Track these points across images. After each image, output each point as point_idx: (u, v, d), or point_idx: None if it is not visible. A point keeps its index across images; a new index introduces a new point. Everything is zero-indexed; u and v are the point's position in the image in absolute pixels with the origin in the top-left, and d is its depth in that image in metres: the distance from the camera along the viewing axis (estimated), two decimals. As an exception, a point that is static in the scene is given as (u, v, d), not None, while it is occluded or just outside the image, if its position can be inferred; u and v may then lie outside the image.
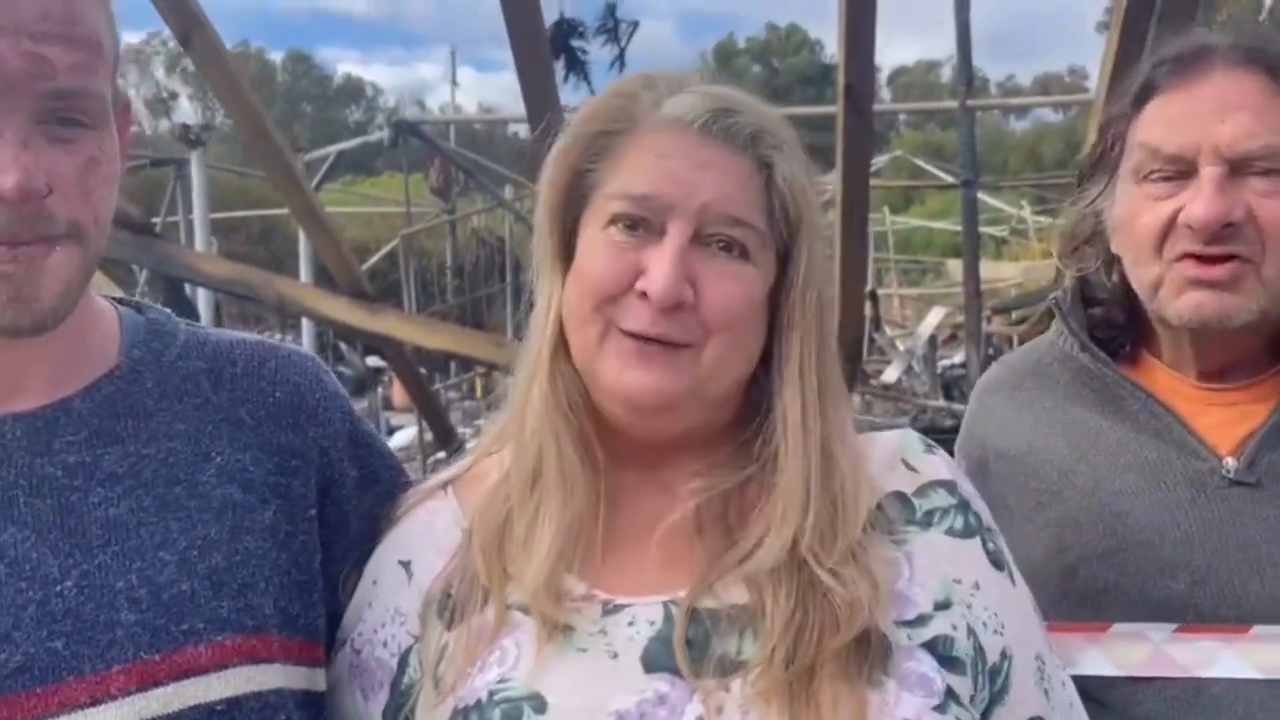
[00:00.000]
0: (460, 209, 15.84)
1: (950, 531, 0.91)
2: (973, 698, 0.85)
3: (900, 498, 0.91)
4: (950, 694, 0.83)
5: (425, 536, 0.96)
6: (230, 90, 2.99)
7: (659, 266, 0.84)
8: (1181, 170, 1.06)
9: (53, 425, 0.83)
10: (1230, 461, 1.09)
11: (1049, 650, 0.94)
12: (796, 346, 0.89)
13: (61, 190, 0.77)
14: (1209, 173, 1.04)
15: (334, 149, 11.37)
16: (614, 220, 0.87)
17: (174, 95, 58.99)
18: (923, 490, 0.92)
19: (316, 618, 0.94)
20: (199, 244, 7.13)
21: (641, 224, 0.86)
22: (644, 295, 0.84)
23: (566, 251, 0.92)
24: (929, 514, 0.91)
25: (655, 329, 0.84)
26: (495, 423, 1.00)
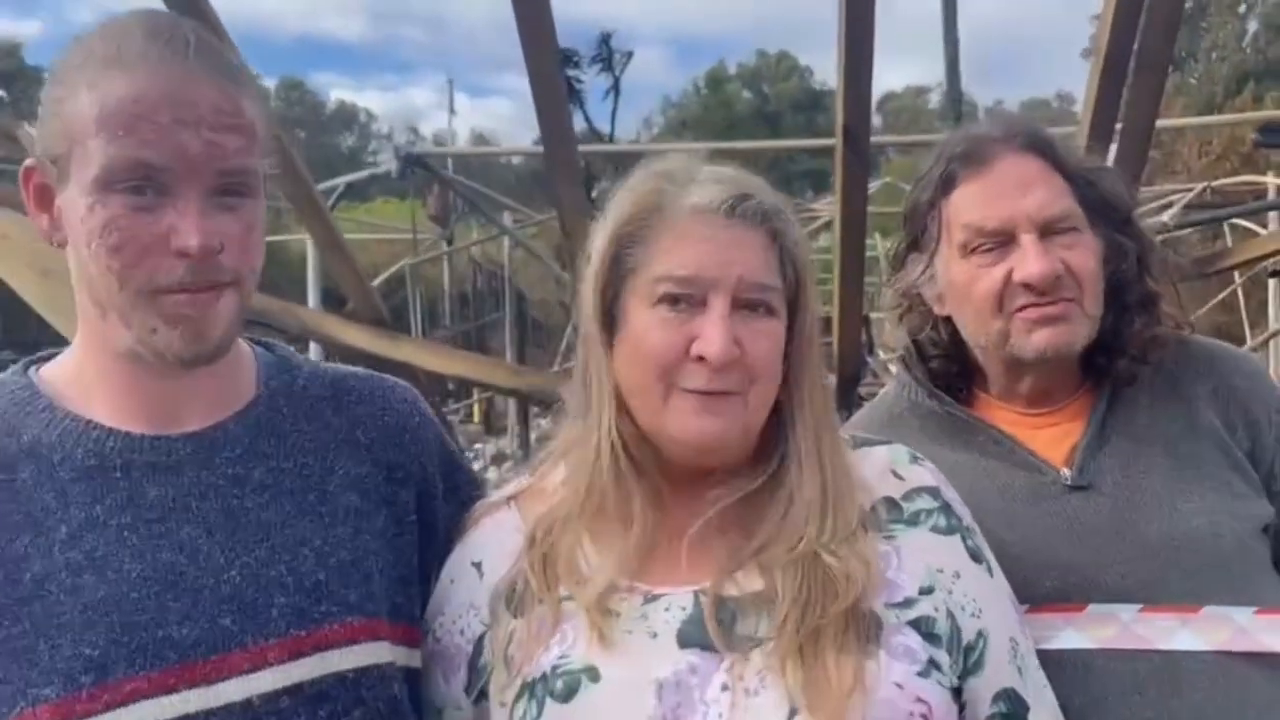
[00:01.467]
0: (457, 235, 15.99)
1: (934, 529, 1.08)
2: (952, 668, 1.01)
3: (889, 501, 1.09)
4: (932, 663, 0.99)
5: (493, 541, 1.13)
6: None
7: (713, 334, 1.00)
8: (1002, 241, 1.28)
9: (215, 444, 1.01)
10: (1065, 471, 1.28)
11: (1024, 635, 1.10)
12: (805, 382, 1.07)
13: (229, 248, 0.95)
14: (1029, 239, 1.26)
15: (342, 180, 11.59)
16: (662, 300, 1.03)
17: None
18: (909, 495, 1.09)
19: (415, 607, 1.11)
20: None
21: (685, 299, 1.02)
22: (700, 359, 1.01)
23: (608, 321, 1.08)
24: (915, 514, 1.08)
25: (714, 385, 1.01)
26: (549, 448, 1.17)
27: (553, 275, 17.73)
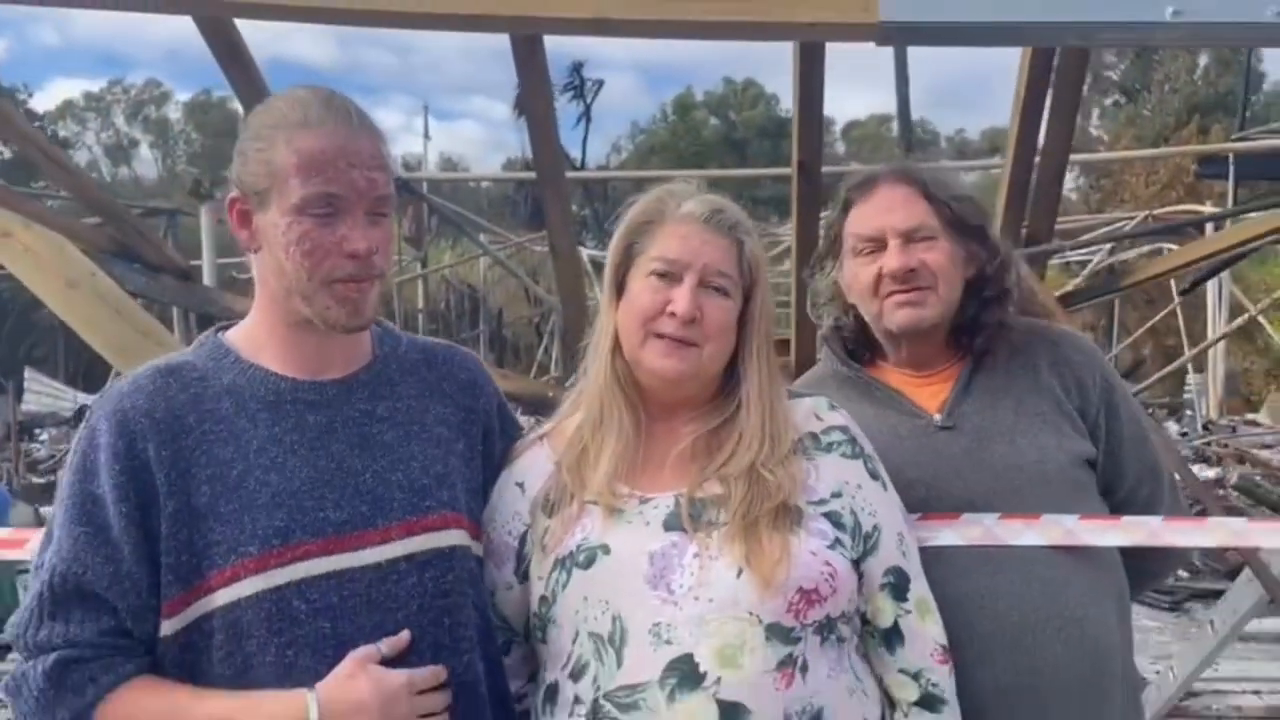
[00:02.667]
0: (430, 256, 16.39)
1: (843, 455, 1.55)
2: (853, 547, 1.47)
3: (813, 435, 1.55)
4: (838, 541, 1.46)
5: (531, 467, 1.58)
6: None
7: (682, 298, 1.48)
8: (878, 245, 1.76)
9: (351, 388, 1.46)
10: (937, 417, 1.76)
11: (909, 533, 1.56)
12: (753, 347, 1.54)
13: (379, 251, 1.39)
14: (894, 244, 1.74)
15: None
16: (654, 273, 1.50)
17: (134, 143, 59.14)
18: (826, 431, 1.56)
19: (480, 513, 1.56)
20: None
21: (669, 276, 1.49)
22: (673, 315, 1.47)
23: (618, 291, 1.55)
24: (829, 444, 1.55)
25: (679, 333, 1.48)
26: (569, 400, 1.63)
27: (524, 295, 18.19)
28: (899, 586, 1.51)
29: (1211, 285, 14.11)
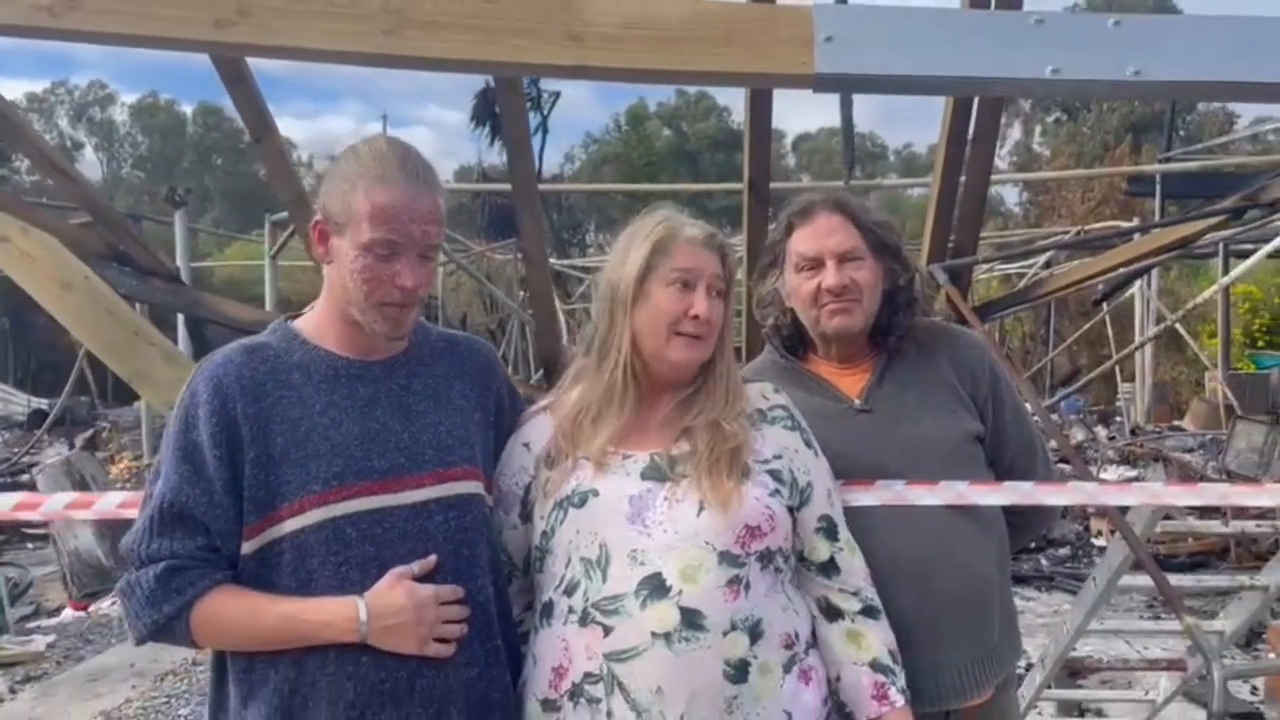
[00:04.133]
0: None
1: (784, 427, 1.94)
2: (790, 498, 1.86)
3: (760, 411, 1.95)
4: (777, 492, 1.85)
5: (536, 431, 1.96)
6: (288, 183, 3.99)
7: (701, 304, 1.86)
8: (817, 263, 2.13)
9: (392, 368, 1.83)
10: (857, 401, 2.15)
11: (836, 492, 1.96)
12: (725, 335, 1.93)
13: (423, 285, 1.75)
14: (831, 264, 2.11)
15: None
16: (674, 283, 1.87)
17: (79, 145, 58.20)
18: (771, 408, 1.96)
19: (491, 469, 1.93)
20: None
21: (686, 284, 1.87)
22: (694, 316, 1.85)
23: (635, 301, 1.89)
24: (774, 419, 1.95)
25: (699, 331, 1.87)
26: (567, 378, 2.01)
27: (482, 302, 18.47)
28: (830, 530, 1.91)
29: (1139, 298, 14.85)
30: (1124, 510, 2.60)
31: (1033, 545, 8.06)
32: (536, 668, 1.83)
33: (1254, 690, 5.17)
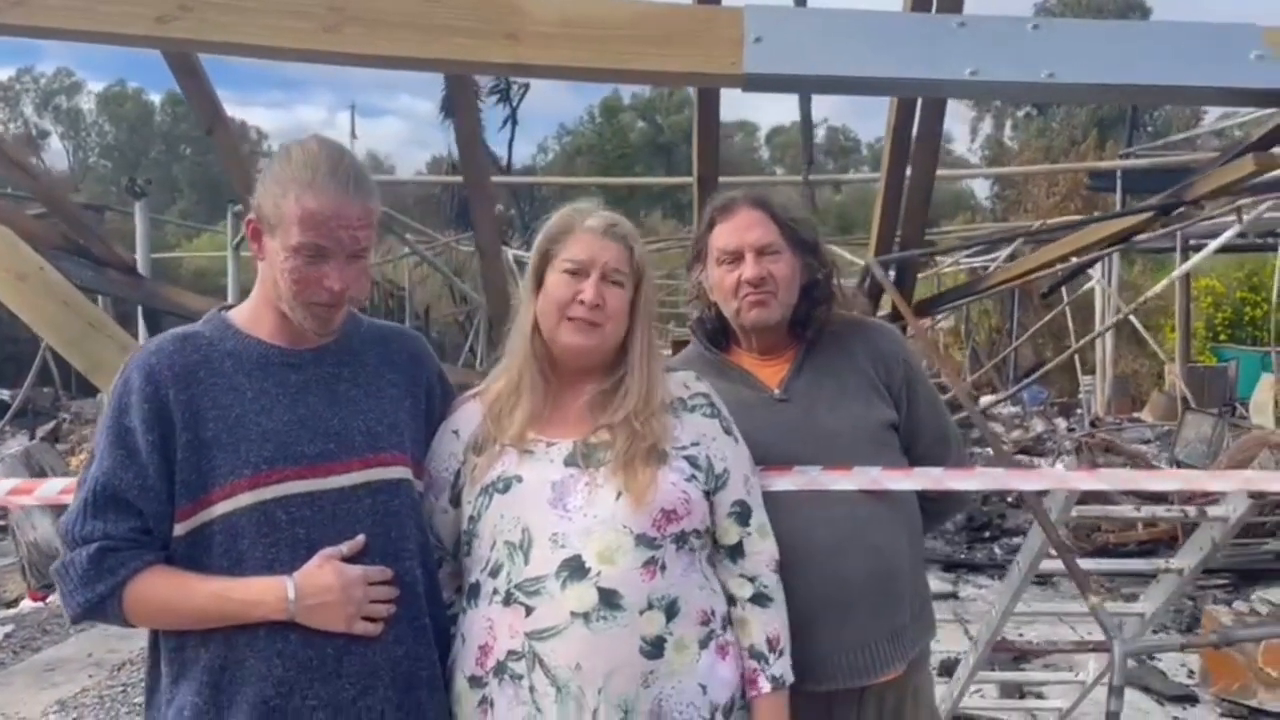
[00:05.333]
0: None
1: (704, 415, 2.02)
2: (706, 483, 1.94)
3: (680, 399, 2.02)
4: (693, 477, 1.92)
5: (465, 418, 2.03)
6: (242, 176, 4.03)
7: (590, 288, 1.94)
8: (737, 257, 2.22)
9: (322, 356, 1.89)
10: (776, 391, 2.24)
11: (754, 478, 2.04)
12: (639, 328, 2.01)
13: (352, 286, 1.81)
14: (749, 257, 2.20)
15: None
16: (567, 270, 1.96)
17: (45, 134, 57.41)
18: (692, 397, 2.04)
19: (423, 457, 2.00)
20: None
21: (579, 272, 1.96)
22: (582, 302, 1.93)
23: (537, 286, 2.00)
24: (693, 406, 2.02)
25: (587, 316, 1.94)
26: (497, 368, 2.08)
27: (449, 293, 18.47)
28: (743, 515, 1.99)
29: (1099, 292, 15.08)
30: (1043, 495, 2.71)
31: (986, 535, 8.21)
32: (464, 646, 1.91)
33: (1190, 674, 5.33)
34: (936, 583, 7.34)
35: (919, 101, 4.21)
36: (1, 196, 6.71)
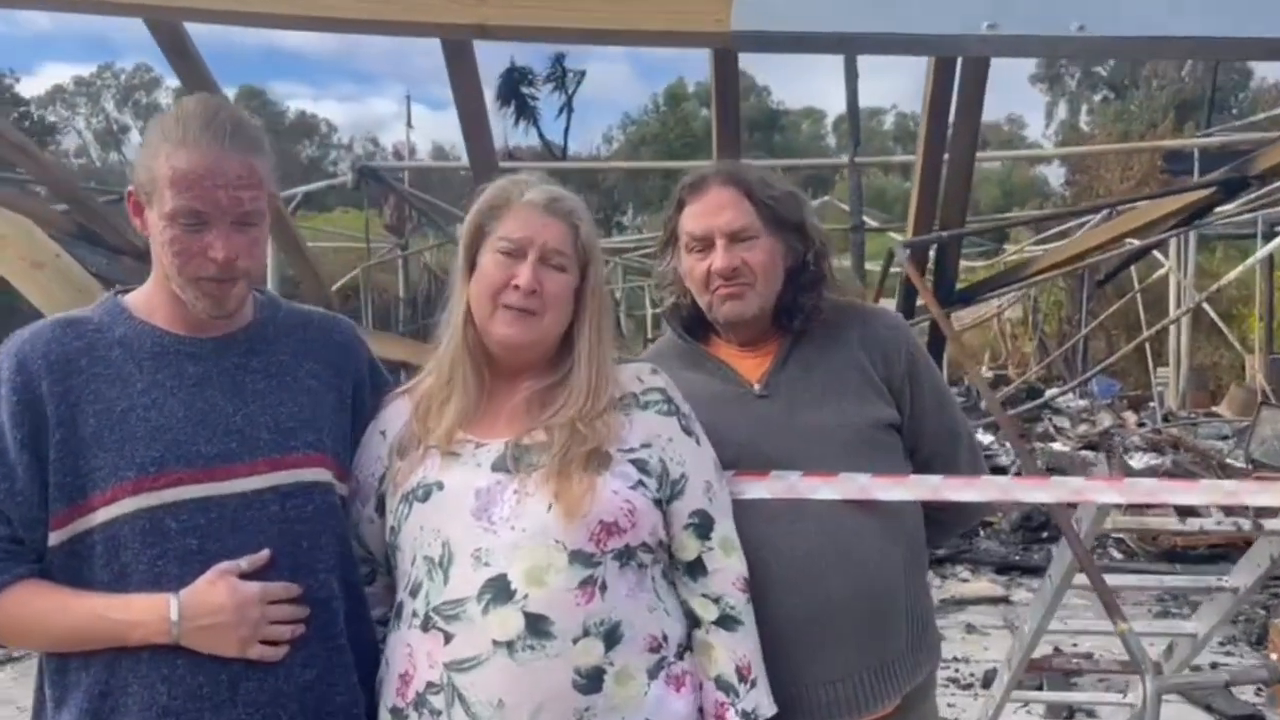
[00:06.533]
0: (413, 245, 16.56)
1: (658, 412, 1.78)
2: (658, 490, 1.71)
3: (633, 395, 1.78)
4: (641, 483, 1.69)
5: (393, 417, 1.82)
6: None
7: (525, 272, 1.71)
8: (707, 243, 1.96)
9: (227, 345, 1.69)
10: (756, 386, 1.98)
11: (719, 483, 1.79)
12: (586, 317, 1.77)
13: (242, 256, 1.61)
14: (720, 244, 1.94)
15: (300, 190, 12.20)
16: (501, 250, 1.74)
17: (125, 129, 58.92)
18: (646, 392, 1.79)
19: (348, 459, 1.79)
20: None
21: (514, 253, 1.73)
22: (516, 287, 1.71)
23: (470, 267, 1.78)
24: (647, 403, 1.78)
25: (521, 303, 1.71)
26: (429, 363, 1.86)
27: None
28: (703, 526, 1.75)
29: (1173, 280, 14.41)
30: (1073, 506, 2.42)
31: (1044, 535, 7.80)
32: (388, 672, 1.71)
33: (1258, 692, 4.94)
34: (988, 586, 6.99)
35: (958, 69, 3.90)
36: (12, 181, 6.70)
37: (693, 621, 1.74)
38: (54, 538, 1.57)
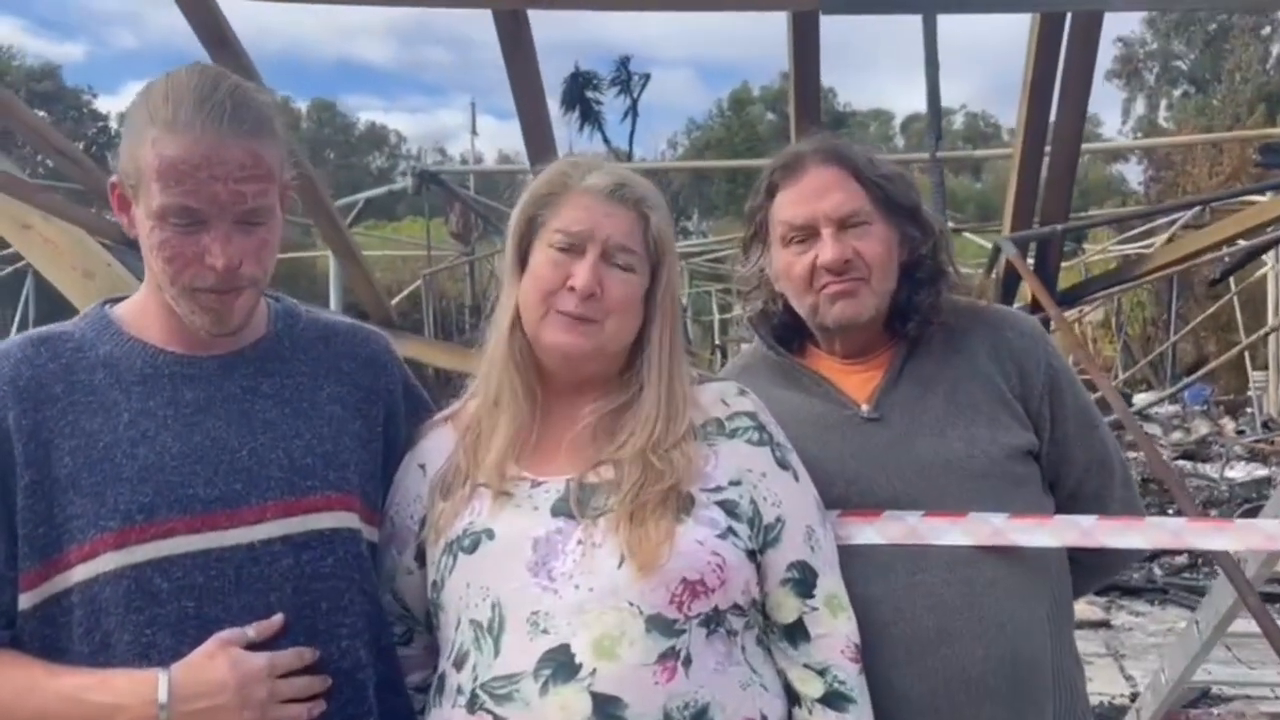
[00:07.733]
0: (480, 252, 16.44)
1: (748, 441, 1.47)
2: (751, 538, 1.40)
3: (717, 420, 1.48)
4: (731, 530, 1.38)
5: (434, 449, 1.53)
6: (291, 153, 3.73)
7: (583, 272, 1.41)
8: (809, 233, 1.64)
9: (233, 364, 1.42)
10: (865, 408, 1.65)
11: (823, 527, 1.48)
12: (658, 326, 1.47)
13: (246, 261, 1.33)
14: (827, 232, 1.62)
15: (361, 196, 12.11)
16: (556, 246, 1.44)
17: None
18: (732, 417, 1.48)
19: (378, 498, 1.51)
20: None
21: (571, 249, 1.43)
22: (573, 289, 1.41)
23: (521, 264, 1.49)
24: (734, 430, 1.47)
25: (578, 310, 1.41)
26: (474, 381, 1.57)
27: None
28: (804, 581, 1.44)
29: (1272, 279, 13.66)
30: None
31: (1145, 553, 7.30)
32: None
33: None
34: (1085, 608, 6.52)
35: (1066, 30, 3.47)
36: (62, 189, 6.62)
37: (792, 698, 1.43)
38: (25, 600, 1.31)
